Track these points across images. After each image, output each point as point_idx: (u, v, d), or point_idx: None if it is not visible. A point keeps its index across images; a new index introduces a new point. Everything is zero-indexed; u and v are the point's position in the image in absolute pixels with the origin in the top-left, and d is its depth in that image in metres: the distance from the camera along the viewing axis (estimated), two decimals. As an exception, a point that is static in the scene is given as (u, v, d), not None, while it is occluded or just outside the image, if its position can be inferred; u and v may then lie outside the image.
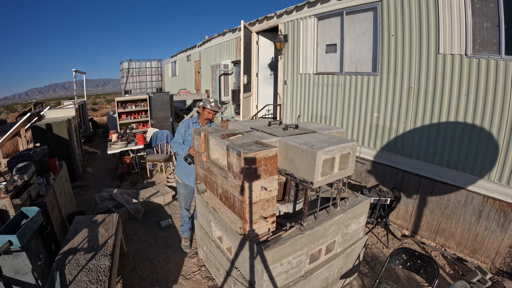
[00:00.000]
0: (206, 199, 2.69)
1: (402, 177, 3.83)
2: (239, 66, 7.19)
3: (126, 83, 11.54)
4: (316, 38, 4.93)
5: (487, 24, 2.92)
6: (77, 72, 8.76)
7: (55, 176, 3.51)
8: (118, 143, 5.55)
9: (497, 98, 2.87)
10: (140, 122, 7.82)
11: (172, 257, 3.22)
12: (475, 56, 2.98)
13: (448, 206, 3.38)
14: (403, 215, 3.91)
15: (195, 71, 10.88)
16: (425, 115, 3.49)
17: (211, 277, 2.89)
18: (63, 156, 4.69)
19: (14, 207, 2.51)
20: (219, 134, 2.26)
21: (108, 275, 2.11)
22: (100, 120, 13.64)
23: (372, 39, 4.02)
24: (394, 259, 2.30)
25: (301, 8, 5.05)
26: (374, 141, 4.14)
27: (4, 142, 5.78)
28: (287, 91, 5.73)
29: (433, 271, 2.06)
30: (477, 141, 3.06)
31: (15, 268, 2.14)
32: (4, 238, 1.98)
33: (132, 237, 3.60)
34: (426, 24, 3.34)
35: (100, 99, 32.31)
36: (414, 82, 3.55)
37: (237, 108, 7.58)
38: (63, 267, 2.16)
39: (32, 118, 6.65)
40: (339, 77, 4.54)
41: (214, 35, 8.82)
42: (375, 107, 4.05)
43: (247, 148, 1.88)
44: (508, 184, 2.89)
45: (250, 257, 2.05)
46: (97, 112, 18.96)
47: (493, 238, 3.05)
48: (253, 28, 6.33)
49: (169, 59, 14.59)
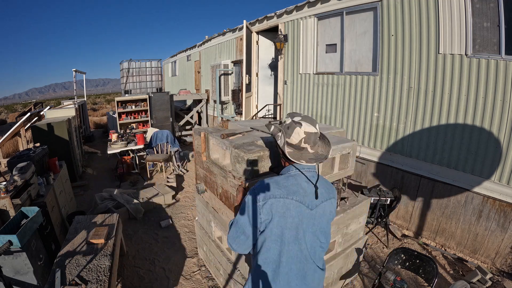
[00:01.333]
0: (206, 199, 2.69)
1: (402, 177, 3.83)
2: (239, 66, 7.19)
3: (126, 83, 11.54)
4: (316, 38, 4.93)
5: (487, 24, 2.92)
6: (77, 72, 8.75)
7: (55, 176, 3.51)
8: (118, 143, 5.55)
9: (497, 98, 2.87)
10: (140, 122, 7.82)
11: (172, 257, 3.22)
12: (475, 56, 2.98)
13: (448, 206, 3.38)
14: (403, 215, 3.91)
15: (195, 71, 10.88)
16: (425, 115, 3.49)
17: (211, 277, 2.89)
18: (63, 156, 4.69)
19: (14, 207, 2.51)
20: (219, 134, 2.27)
21: (108, 275, 2.11)
22: (100, 120, 13.65)
23: (372, 39, 4.02)
24: (393, 259, 2.30)
25: (301, 8, 5.05)
26: (374, 141, 4.14)
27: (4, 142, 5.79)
28: (287, 91, 5.73)
29: (432, 270, 2.06)
30: (477, 141, 3.06)
31: (15, 268, 2.15)
32: (4, 238, 1.98)
33: (132, 237, 3.60)
34: (426, 24, 3.34)
35: (100, 99, 32.33)
36: (414, 82, 3.55)
37: (237, 108, 7.58)
38: (63, 267, 2.16)
39: (32, 118, 6.65)
40: (339, 77, 4.54)
41: (214, 35, 8.82)
42: (375, 107, 4.05)
43: (247, 148, 1.88)
44: (508, 184, 2.88)
45: (250, 257, 2.05)
46: (97, 112, 18.97)
47: (493, 238, 3.05)
48: (253, 28, 6.33)
49: (169, 59, 14.59)
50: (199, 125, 9.86)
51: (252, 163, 1.82)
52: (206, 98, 9.39)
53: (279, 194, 1.18)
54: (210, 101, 9.26)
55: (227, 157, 2.16)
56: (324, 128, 2.65)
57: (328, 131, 2.54)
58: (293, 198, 1.18)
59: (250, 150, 1.85)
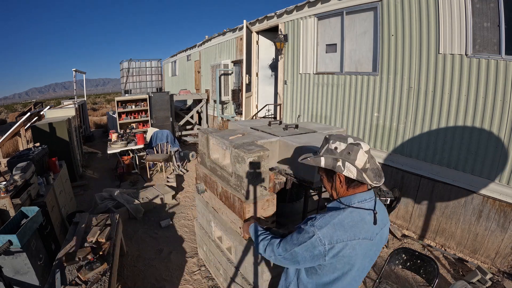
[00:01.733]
0: (206, 199, 2.69)
1: (402, 177, 3.83)
2: (239, 66, 7.19)
3: (126, 83, 11.54)
4: (316, 38, 4.93)
5: (487, 24, 2.92)
6: (77, 72, 8.75)
7: (55, 176, 3.51)
8: (118, 143, 5.55)
9: (497, 98, 2.87)
10: (140, 122, 7.82)
11: (172, 257, 3.22)
12: (475, 56, 2.97)
13: (448, 206, 3.38)
14: (403, 215, 3.91)
15: (195, 70, 10.87)
16: (425, 115, 3.49)
17: (211, 277, 2.89)
18: (63, 156, 4.69)
19: (14, 207, 2.51)
20: (219, 134, 2.26)
21: (108, 275, 2.11)
22: (100, 120, 13.65)
23: (372, 39, 4.02)
24: (394, 259, 2.30)
25: (301, 8, 5.04)
26: (374, 141, 4.14)
27: (4, 142, 5.78)
28: (287, 91, 5.73)
29: (433, 271, 2.06)
30: (477, 141, 3.06)
31: (15, 268, 2.15)
32: (4, 238, 1.98)
33: (132, 237, 3.60)
34: (426, 24, 3.34)
35: (100, 98, 32.33)
36: (414, 82, 3.55)
37: (237, 108, 7.58)
38: (63, 267, 2.16)
39: (32, 117, 6.65)
40: (339, 77, 4.54)
41: (214, 35, 8.82)
42: (375, 107, 4.05)
43: (247, 148, 1.88)
44: (508, 184, 2.88)
45: (250, 257, 2.05)
46: (97, 112, 18.96)
47: (493, 238, 3.05)
48: (253, 28, 6.33)
49: (169, 58, 14.58)
50: (199, 125, 9.86)
51: (253, 164, 1.82)
52: (206, 98, 9.39)
53: (346, 237, 1.07)
54: (210, 101, 9.26)
55: (227, 157, 2.16)
56: (324, 128, 2.65)
57: (328, 131, 2.54)
58: (359, 238, 1.08)
59: (250, 150, 1.85)
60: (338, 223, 1.08)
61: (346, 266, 1.11)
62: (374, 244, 1.16)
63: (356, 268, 1.14)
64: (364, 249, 1.11)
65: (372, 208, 1.12)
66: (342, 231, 1.07)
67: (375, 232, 1.13)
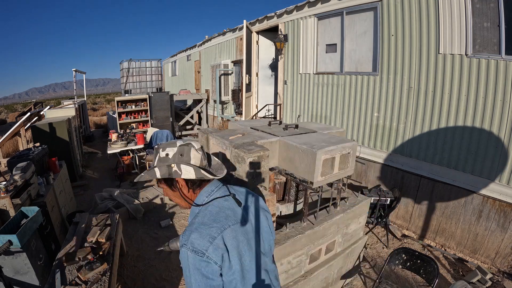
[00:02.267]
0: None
1: (402, 177, 3.83)
2: (239, 66, 7.19)
3: (126, 83, 11.55)
4: (316, 38, 4.93)
5: (487, 24, 2.92)
6: (77, 72, 8.75)
7: (55, 176, 3.51)
8: (118, 143, 5.55)
9: (497, 98, 2.87)
10: (140, 122, 7.82)
11: (172, 257, 3.22)
12: (475, 56, 2.98)
13: (448, 206, 3.38)
14: (403, 215, 3.91)
15: (195, 70, 10.87)
16: (425, 115, 3.49)
17: (211, 277, 2.88)
18: (63, 156, 4.69)
19: (14, 207, 2.51)
20: (219, 134, 2.26)
21: (108, 275, 2.11)
22: (100, 120, 13.65)
23: (372, 39, 4.02)
24: (394, 259, 2.30)
25: (301, 8, 5.04)
26: (374, 141, 4.14)
27: (4, 142, 5.78)
28: (287, 91, 5.73)
29: (433, 271, 2.06)
30: (477, 141, 3.06)
31: (15, 268, 2.15)
32: (4, 238, 1.98)
33: (132, 237, 3.60)
34: (426, 24, 3.34)
35: (100, 98, 32.32)
36: (414, 82, 3.55)
37: (237, 108, 7.58)
38: (63, 267, 2.16)
39: (32, 117, 6.65)
40: (339, 77, 4.54)
41: (214, 35, 8.81)
42: (375, 107, 4.05)
43: (247, 148, 1.88)
44: (508, 184, 2.88)
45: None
46: (97, 112, 18.96)
47: (493, 238, 3.05)
48: (253, 28, 6.33)
49: (169, 58, 14.58)
50: (199, 125, 9.86)
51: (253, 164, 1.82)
52: (206, 98, 9.39)
53: (215, 232, 1.00)
54: (210, 101, 9.25)
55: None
56: (324, 128, 2.64)
57: (328, 131, 2.54)
58: (229, 225, 1.03)
59: (250, 150, 1.85)
60: (201, 225, 1.01)
61: (237, 256, 1.01)
62: (251, 224, 1.12)
63: (248, 253, 1.05)
64: (243, 233, 1.05)
65: (227, 194, 1.10)
66: (208, 229, 0.99)
67: (244, 214, 1.10)
